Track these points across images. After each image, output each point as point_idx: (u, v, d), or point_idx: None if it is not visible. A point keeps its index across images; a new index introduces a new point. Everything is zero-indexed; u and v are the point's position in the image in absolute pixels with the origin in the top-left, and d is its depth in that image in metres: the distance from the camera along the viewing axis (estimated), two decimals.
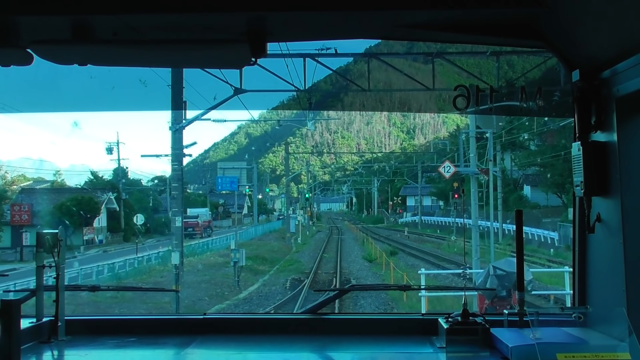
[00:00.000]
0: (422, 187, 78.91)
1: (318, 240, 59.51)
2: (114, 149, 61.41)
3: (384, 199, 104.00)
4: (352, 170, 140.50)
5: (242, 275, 29.90)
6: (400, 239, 58.25)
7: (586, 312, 3.01)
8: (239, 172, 68.10)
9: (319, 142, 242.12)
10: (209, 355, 3.22)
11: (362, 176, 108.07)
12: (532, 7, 2.53)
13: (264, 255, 41.80)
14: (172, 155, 21.50)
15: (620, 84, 2.65)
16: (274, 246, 49.99)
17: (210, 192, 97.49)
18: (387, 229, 76.79)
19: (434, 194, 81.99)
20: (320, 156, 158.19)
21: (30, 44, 2.42)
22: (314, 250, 46.86)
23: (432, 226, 71.40)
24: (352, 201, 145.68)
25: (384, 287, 7.41)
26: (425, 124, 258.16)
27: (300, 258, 40.91)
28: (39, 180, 74.07)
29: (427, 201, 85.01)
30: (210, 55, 2.65)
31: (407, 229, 66.02)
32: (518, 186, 61.64)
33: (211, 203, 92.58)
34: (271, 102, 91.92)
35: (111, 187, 61.51)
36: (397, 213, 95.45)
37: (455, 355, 2.92)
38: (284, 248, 49.57)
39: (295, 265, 36.70)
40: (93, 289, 4.00)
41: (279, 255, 43.49)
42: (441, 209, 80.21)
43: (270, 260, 39.96)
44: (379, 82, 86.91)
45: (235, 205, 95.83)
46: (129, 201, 64.21)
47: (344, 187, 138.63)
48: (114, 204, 60.76)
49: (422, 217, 77.01)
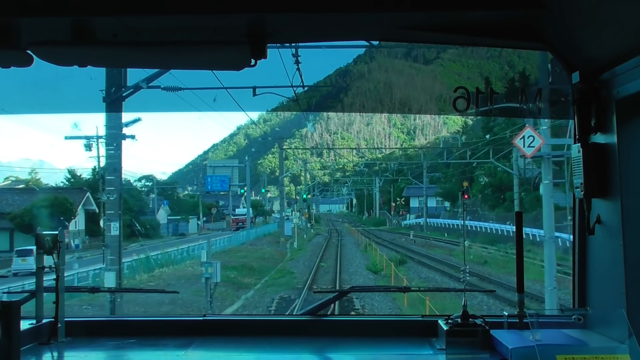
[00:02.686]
0: (427, 188, 72.57)
1: (316, 245, 53.03)
2: (93, 144, 55.04)
3: (386, 200, 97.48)
4: (352, 170, 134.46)
5: (221, 292, 23.66)
6: (406, 243, 51.86)
7: (586, 313, 2.97)
8: (230, 171, 61.96)
9: (318, 143, 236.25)
10: (209, 356, 3.17)
11: (364, 175, 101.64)
12: (532, 9, 2.51)
13: (252, 264, 35.46)
14: (107, 136, 15.17)
15: (620, 85, 2.62)
16: (265, 252, 43.59)
17: (207, 193, 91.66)
18: (390, 232, 70.34)
19: (440, 194, 75.63)
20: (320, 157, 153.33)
21: (30, 45, 2.41)
22: (311, 257, 40.49)
23: (439, 229, 65.04)
24: (352, 202, 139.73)
25: (383, 288, 7.41)
26: (425, 125, 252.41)
27: (294, 268, 34.55)
28: (17, 180, 67.63)
29: (431, 202, 78.55)
30: (210, 56, 2.62)
31: (413, 232, 59.58)
32: (534, 185, 55.36)
33: (205, 205, 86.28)
34: (271, 103, 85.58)
35: (89, 186, 55.10)
36: (400, 215, 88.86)
37: (455, 356, 2.87)
38: (276, 254, 43.15)
39: (286, 277, 30.35)
40: (93, 291, 4.10)
41: (270, 264, 37.16)
42: (447, 211, 73.87)
43: (259, 270, 33.64)
44: (379, 82, 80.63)
45: (230, 207, 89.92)
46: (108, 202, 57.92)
47: (344, 189, 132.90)
48: (92, 205, 54.44)
49: (427, 220, 70.64)
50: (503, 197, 57.50)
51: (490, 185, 60.42)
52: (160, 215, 67.54)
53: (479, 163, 56.37)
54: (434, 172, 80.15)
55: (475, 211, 63.74)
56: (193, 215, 79.21)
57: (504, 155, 53.86)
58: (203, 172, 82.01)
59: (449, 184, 75.98)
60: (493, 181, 59.96)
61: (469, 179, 62.67)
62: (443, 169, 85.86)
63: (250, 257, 39.17)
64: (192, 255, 40.56)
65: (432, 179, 78.51)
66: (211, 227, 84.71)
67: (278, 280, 29.14)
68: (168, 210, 70.79)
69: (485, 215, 59.84)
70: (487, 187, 60.27)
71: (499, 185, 59.85)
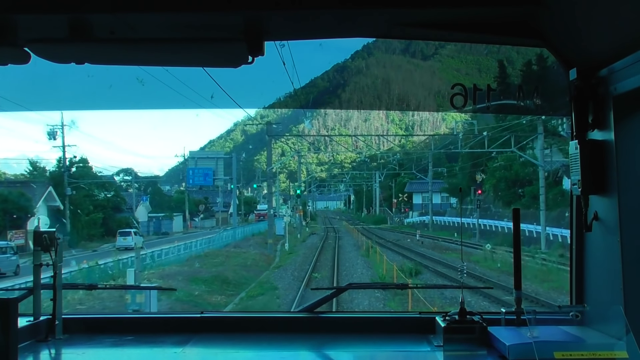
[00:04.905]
0: (432, 183, 65.00)
1: (310, 246, 45.30)
2: (58, 132, 47.36)
3: (387, 196, 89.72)
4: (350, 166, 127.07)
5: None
6: (412, 244, 44.31)
7: (583, 310, 2.94)
8: (214, 163, 54.34)
9: (316, 139, 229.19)
10: (206, 353, 3.14)
11: (363, 169, 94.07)
12: (529, 5, 2.50)
13: (227, 274, 27.79)
14: None
15: (618, 82, 2.60)
16: (249, 257, 35.94)
17: (200, 188, 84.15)
18: (392, 232, 62.77)
19: (447, 190, 67.98)
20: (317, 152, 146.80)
21: (28, 42, 2.40)
22: (302, 264, 32.85)
23: (447, 228, 57.52)
24: (350, 199, 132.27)
25: (381, 285, 7.05)
26: (424, 121, 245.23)
27: (279, 280, 26.92)
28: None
29: (435, 199, 70.88)
30: (207, 54, 2.59)
31: (419, 232, 51.98)
32: (557, 179, 47.92)
33: (192, 201, 78.60)
34: (267, 99, 79.08)
35: (51, 179, 47.44)
36: (402, 212, 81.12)
37: (452, 353, 2.84)
38: (262, 260, 35.50)
39: (267, 295, 22.71)
40: (90, 288, 3.82)
41: (251, 273, 29.57)
42: (453, 208, 66.25)
43: (235, 284, 26.03)
44: (376, 78, 74.51)
45: (220, 204, 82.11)
46: (78, 197, 50.14)
47: (342, 185, 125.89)
48: (56, 201, 46.81)
49: (433, 218, 63.09)
50: (522, 192, 49.90)
51: (505, 179, 52.81)
52: (139, 213, 59.94)
53: (493, 154, 48.87)
54: (437, 167, 72.37)
55: (488, 208, 56.21)
56: (179, 213, 71.62)
57: (520, 147, 46.59)
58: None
59: (455, 178, 68.41)
60: (508, 175, 52.36)
61: (481, 172, 55.02)
62: (446, 164, 78.80)
63: (229, 264, 31.52)
64: (167, 260, 32.80)
65: (435, 174, 70.85)
66: (199, 225, 77.12)
67: (255, 301, 21.49)
68: (149, 207, 63.16)
69: (500, 213, 52.38)
70: (501, 182, 52.65)
71: (515, 179, 52.32)
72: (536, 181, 48.53)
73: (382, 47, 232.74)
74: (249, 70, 2.60)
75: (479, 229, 48.66)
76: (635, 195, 2.57)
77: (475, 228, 49.13)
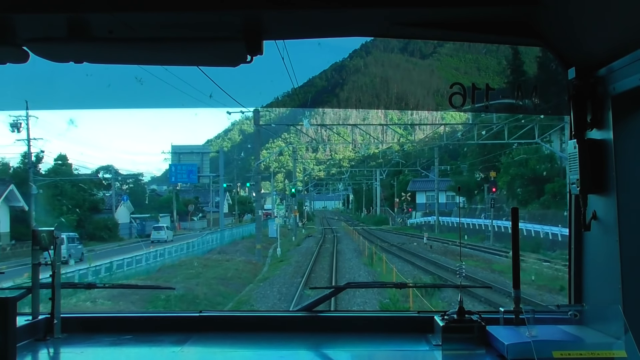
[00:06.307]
0: (438, 181, 59.41)
1: (305, 252, 39.58)
2: (22, 124, 41.65)
3: (388, 196, 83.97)
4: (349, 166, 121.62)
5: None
6: (419, 249, 38.65)
7: (582, 309, 2.92)
8: (199, 159, 48.71)
9: (314, 137, 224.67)
10: (205, 352, 3.09)
11: (364, 165, 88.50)
12: (528, 4, 2.48)
13: (198, 290, 22.04)
14: None
15: (617, 81, 2.59)
16: (232, 266, 30.19)
17: (194, 187, 78.60)
18: (395, 233, 57.07)
19: (453, 188, 62.30)
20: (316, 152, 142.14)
21: (26, 41, 2.38)
22: (293, 275, 27.16)
23: (455, 229, 51.89)
24: (348, 198, 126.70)
25: (379, 284, 6.35)
26: (423, 119, 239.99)
27: (263, 300, 21.22)
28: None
29: (441, 198, 65.23)
30: (206, 53, 2.58)
31: (427, 234, 46.31)
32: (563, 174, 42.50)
33: (181, 201, 72.95)
34: (265, 98, 74.58)
35: (14, 177, 41.79)
36: (404, 212, 75.38)
37: (451, 352, 2.81)
38: (247, 270, 29.78)
39: None
40: (89, 287, 3.89)
41: (230, 288, 23.92)
42: (463, 208, 60.58)
43: (206, 304, 20.32)
44: (375, 76, 70.99)
45: (211, 203, 76.50)
46: (47, 197, 44.45)
47: (340, 185, 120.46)
48: (19, 201, 41.17)
49: (439, 218, 57.47)
50: (541, 190, 44.25)
51: (520, 176, 47.21)
52: (120, 213, 54.31)
53: (514, 146, 43.31)
54: (441, 165, 66.76)
55: (500, 208, 50.55)
56: (166, 213, 65.95)
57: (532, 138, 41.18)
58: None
59: (461, 176, 62.84)
60: (524, 171, 46.77)
61: (492, 169, 49.43)
62: (449, 162, 73.32)
63: (205, 276, 25.81)
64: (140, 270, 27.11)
65: (440, 172, 65.29)
66: (188, 226, 71.43)
67: None
68: (131, 207, 57.50)
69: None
70: (516, 179, 47.06)
71: (531, 176, 46.72)
72: (558, 178, 43.02)
73: (381, 46, 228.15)
74: (247, 70, 2.64)
75: (492, 231, 43.06)
76: (633, 195, 2.58)
77: (489, 230, 43.54)
